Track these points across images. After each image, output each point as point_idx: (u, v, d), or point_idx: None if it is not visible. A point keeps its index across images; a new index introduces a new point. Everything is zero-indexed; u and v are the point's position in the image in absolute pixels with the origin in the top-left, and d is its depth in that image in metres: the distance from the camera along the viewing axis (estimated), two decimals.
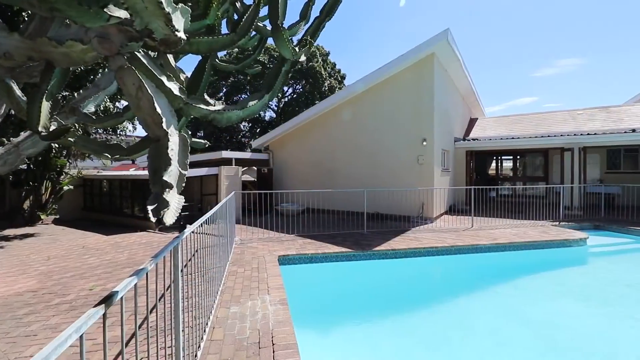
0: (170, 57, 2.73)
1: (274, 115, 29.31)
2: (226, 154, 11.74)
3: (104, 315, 1.13)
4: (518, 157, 16.33)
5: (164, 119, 1.26)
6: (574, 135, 10.64)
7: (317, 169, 11.65)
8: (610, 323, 4.09)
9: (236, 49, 19.62)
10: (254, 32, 3.30)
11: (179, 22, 1.08)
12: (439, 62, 9.80)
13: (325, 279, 5.72)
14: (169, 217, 1.20)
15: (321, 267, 5.90)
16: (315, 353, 3.39)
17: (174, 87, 1.62)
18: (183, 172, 1.36)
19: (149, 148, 1.30)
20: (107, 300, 1.11)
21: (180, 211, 1.29)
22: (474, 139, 12.51)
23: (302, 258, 5.96)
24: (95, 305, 1.10)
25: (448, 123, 11.43)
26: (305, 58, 2.24)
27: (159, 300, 2.05)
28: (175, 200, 1.28)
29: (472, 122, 15.85)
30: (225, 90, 26.28)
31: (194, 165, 13.80)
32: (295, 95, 27.16)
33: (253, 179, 12.67)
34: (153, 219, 1.17)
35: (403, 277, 5.92)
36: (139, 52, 1.47)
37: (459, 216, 10.00)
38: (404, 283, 5.72)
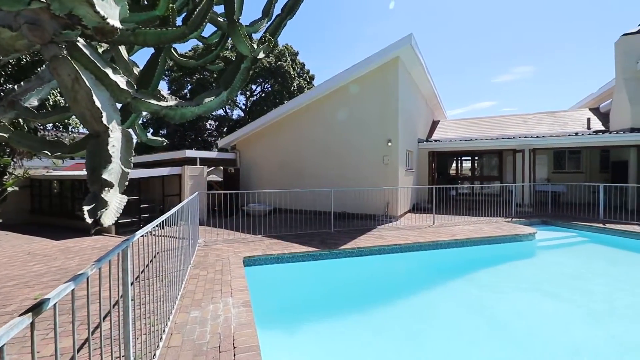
0: (122, 49, 2.58)
1: (242, 114, 28.74)
2: (190, 153, 11.32)
3: (32, 324, 1.03)
4: (476, 157, 17.29)
5: (104, 114, 1.18)
6: (525, 137, 11.47)
7: (285, 168, 11.59)
8: (557, 310, 4.45)
9: (201, 45, 18.98)
10: (215, 28, 3.21)
11: (108, 9, 1.02)
12: (403, 65, 10.12)
13: (292, 279, 5.69)
14: (108, 218, 1.12)
15: (288, 268, 5.87)
16: (278, 354, 3.37)
17: (120, 80, 1.53)
18: (126, 170, 1.28)
19: (87, 144, 1.22)
20: (36, 308, 1.02)
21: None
22: (436, 140, 13.07)
23: (269, 259, 5.89)
24: (22, 314, 1.00)
25: (412, 125, 11.85)
26: (264, 55, 2.21)
27: (113, 307, 1.93)
28: (116, 200, 1.20)
29: (434, 124, 16.55)
30: (190, 87, 25.34)
31: (155, 165, 13.19)
32: (264, 95, 26.81)
33: (219, 179, 12.34)
34: (89, 220, 1.09)
35: (368, 275, 6.04)
36: (80, 42, 1.37)
37: (421, 214, 10.40)
38: (369, 280, 5.84)
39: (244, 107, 28.09)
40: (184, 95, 25.40)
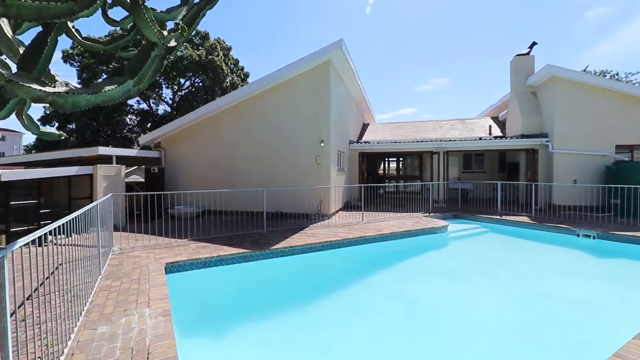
0: (5, 25, 2.17)
1: (168, 109, 26.59)
2: (105, 150, 10.05)
3: None
4: (401, 158, 18.76)
5: None
6: (440, 141, 12.82)
7: (217, 168, 11.05)
8: (465, 293, 5.06)
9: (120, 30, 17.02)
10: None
11: None
12: (335, 69, 10.47)
13: (221, 284, 5.44)
14: None
15: (216, 272, 5.60)
16: None
17: None
18: None
19: None
20: None
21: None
22: (365, 142, 13.81)
23: (195, 263, 5.55)
24: None
25: (344, 126, 12.32)
26: (177, 44, 2.07)
27: None
28: None
29: (364, 126, 17.48)
30: (105, 76, 22.57)
31: (60, 163, 11.43)
32: (193, 89, 25.23)
33: (141, 180, 11.22)
34: None
35: (300, 273, 6.10)
36: None
37: (352, 212, 10.89)
38: (301, 279, 5.89)
39: (171, 101, 26.02)
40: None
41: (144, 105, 26.68)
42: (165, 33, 1.91)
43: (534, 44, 12.85)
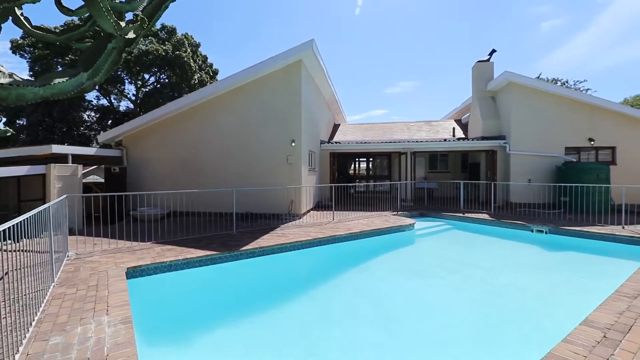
0: None
1: (131, 106, 25.27)
2: (59, 148, 9.35)
3: None
4: (371, 159, 19.16)
5: None
6: (408, 142, 13.25)
7: (184, 167, 10.65)
8: (430, 287, 5.27)
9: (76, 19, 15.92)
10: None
11: None
12: (306, 69, 10.48)
13: (187, 288, 5.26)
14: None
15: (182, 275, 5.40)
16: None
17: None
18: None
19: None
20: None
21: None
22: (336, 142, 13.96)
23: (159, 267, 5.32)
24: None
25: (315, 126, 12.37)
26: (135, 36, 1.98)
27: None
28: None
29: (335, 127, 17.66)
30: (60, 69, 20.99)
31: (6, 162, 10.51)
32: (158, 86, 24.18)
33: (100, 181, 10.57)
34: None
35: (270, 274, 6.04)
36: None
37: (323, 211, 10.96)
38: (271, 280, 5.84)
39: (134, 98, 24.75)
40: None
41: (104, 101, 25.17)
42: (123, 24, 1.82)
43: (494, 51, 13.64)
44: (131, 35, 1.88)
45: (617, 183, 10.19)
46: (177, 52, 21.85)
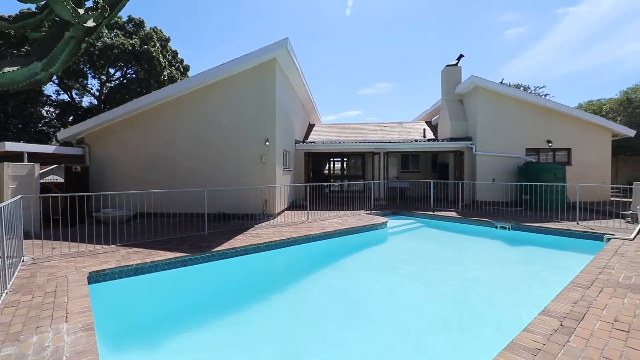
0: None
1: (95, 101, 23.87)
2: (13, 146, 8.65)
3: None
4: (345, 159, 19.35)
5: None
6: (381, 142, 13.52)
7: (152, 167, 10.21)
8: (401, 283, 5.40)
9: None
10: None
11: None
12: (280, 68, 10.40)
13: (155, 292, 5.06)
14: None
15: (150, 279, 5.18)
16: None
17: None
18: None
19: None
20: None
21: None
22: (311, 142, 13.98)
23: (125, 271, 5.07)
24: None
25: (289, 126, 12.31)
26: (95, 24, 1.87)
27: None
28: None
29: (310, 127, 17.67)
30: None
31: None
32: (125, 81, 23.02)
33: (60, 180, 9.90)
34: None
35: (244, 275, 5.94)
36: None
37: (298, 211, 10.93)
38: (244, 281, 5.74)
39: (97, 93, 23.40)
40: None
41: (65, 96, 23.58)
42: (81, 11, 1.72)
43: (461, 56, 14.23)
44: (90, 23, 1.78)
45: (572, 182, 10.97)
46: (145, 47, 20.91)
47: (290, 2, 55.14)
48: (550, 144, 12.29)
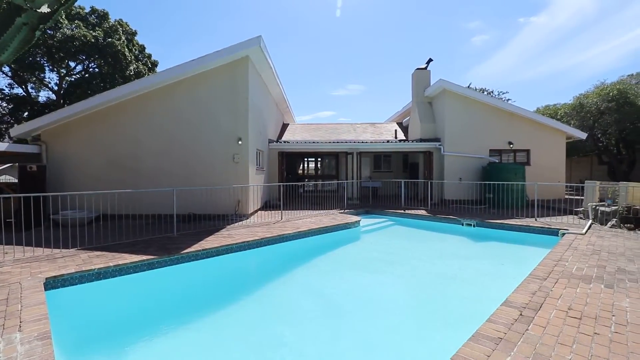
0: None
1: (53, 96, 22.32)
2: None
3: None
4: (319, 158, 19.44)
5: None
6: (354, 142, 13.73)
7: (117, 167, 9.70)
8: (374, 280, 5.52)
9: None
10: None
11: None
12: (253, 66, 10.27)
13: (119, 297, 4.82)
14: None
15: (114, 284, 4.94)
16: None
17: None
18: None
19: None
20: None
21: None
22: (285, 142, 13.91)
23: (86, 276, 4.80)
24: None
25: (263, 125, 12.18)
26: (50, 10, 1.76)
27: None
28: None
29: (284, 126, 17.59)
30: None
31: None
32: (87, 75, 21.74)
33: (14, 180, 9.16)
34: None
35: (215, 277, 5.82)
36: None
37: (272, 211, 10.85)
38: (216, 283, 5.63)
39: (56, 87, 21.91)
40: None
41: (19, 90, 21.87)
42: None
43: (430, 60, 14.75)
44: (45, 9, 1.67)
45: (531, 181, 11.70)
46: (110, 39, 19.85)
47: (265, 2, 54.52)
48: (511, 146, 13.03)
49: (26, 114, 21.66)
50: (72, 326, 3.92)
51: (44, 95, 23.33)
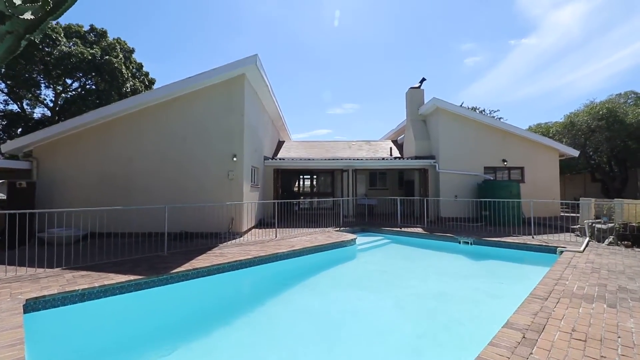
0: None
1: (48, 113, 22.27)
2: None
3: None
4: (314, 176, 19.40)
5: None
6: (350, 160, 13.75)
7: (109, 184, 9.53)
8: (370, 299, 5.34)
9: None
10: None
11: None
12: (249, 83, 10.36)
13: (104, 320, 4.58)
14: None
15: (99, 305, 4.71)
16: None
17: None
18: None
19: None
20: None
21: None
22: (280, 159, 13.89)
23: (69, 297, 4.58)
24: None
25: (258, 142, 12.17)
26: (33, 17, 1.70)
27: None
28: None
29: (280, 144, 17.63)
30: None
31: None
32: (83, 92, 21.78)
33: (3, 197, 8.94)
34: None
35: (206, 298, 5.59)
36: None
37: (266, 229, 10.67)
38: (207, 303, 5.40)
39: (52, 104, 21.89)
40: None
41: (14, 107, 21.81)
42: (18, 2, 1.56)
43: (423, 79, 15.05)
44: (28, 16, 1.61)
45: (526, 199, 11.71)
46: (107, 57, 20.06)
47: (265, 22, 56.05)
48: (505, 163, 13.12)
49: (20, 130, 21.51)
50: (49, 352, 3.68)
51: (39, 112, 23.29)
